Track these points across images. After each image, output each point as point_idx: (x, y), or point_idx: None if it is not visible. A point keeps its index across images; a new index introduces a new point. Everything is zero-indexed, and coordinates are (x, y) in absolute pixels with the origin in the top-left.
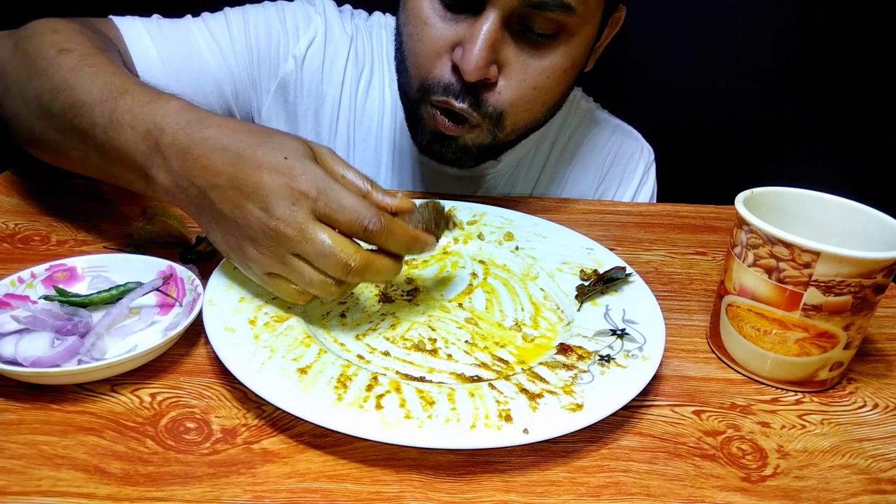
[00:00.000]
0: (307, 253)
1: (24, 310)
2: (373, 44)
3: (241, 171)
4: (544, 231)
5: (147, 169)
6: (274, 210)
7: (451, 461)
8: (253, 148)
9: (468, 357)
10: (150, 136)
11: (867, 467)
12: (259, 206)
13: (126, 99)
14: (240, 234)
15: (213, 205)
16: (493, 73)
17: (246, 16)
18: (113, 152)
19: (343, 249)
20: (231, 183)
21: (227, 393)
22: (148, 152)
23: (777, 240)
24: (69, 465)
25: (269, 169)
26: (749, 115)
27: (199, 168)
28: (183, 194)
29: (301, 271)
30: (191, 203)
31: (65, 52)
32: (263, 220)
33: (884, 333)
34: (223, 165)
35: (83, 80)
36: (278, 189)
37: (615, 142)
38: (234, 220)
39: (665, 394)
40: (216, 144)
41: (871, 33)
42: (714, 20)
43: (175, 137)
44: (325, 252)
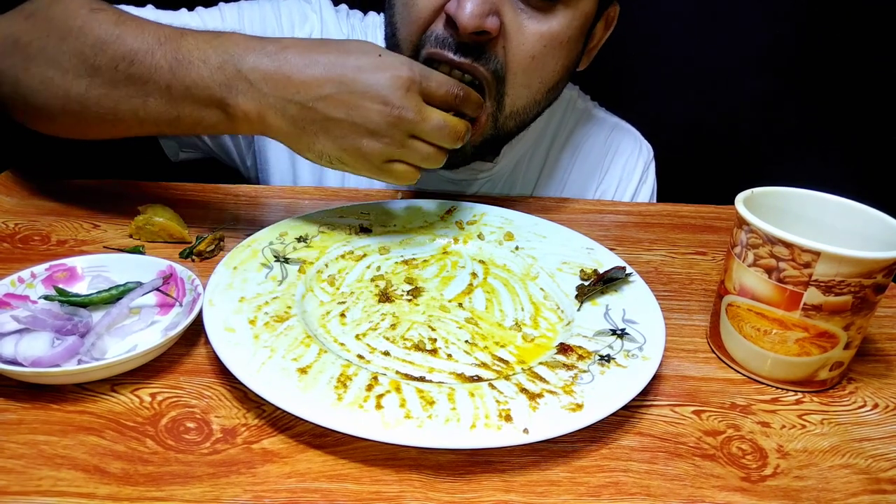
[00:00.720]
0: (425, 131)
1: (24, 309)
2: None
3: (346, 77)
4: (544, 231)
5: (228, 99)
6: (393, 100)
7: (451, 461)
8: (344, 54)
9: (468, 357)
10: (226, 66)
11: (867, 467)
12: (378, 101)
13: (188, 39)
14: (358, 132)
15: (321, 115)
16: (493, 24)
17: (241, 11)
18: (181, 90)
19: (452, 121)
20: (340, 89)
21: (227, 393)
22: (227, 82)
23: (777, 240)
24: (69, 465)
25: (370, 69)
26: (749, 115)
27: (297, 84)
28: (276, 115)
29: (419, 149)
30: (286, 122)
31: (97, 10)
32: (386, 112)
33: (884, 333)
34: (324, 76)
35: (130, 30)
36: (389, 82)
37: (614, 140)
38: (350, 121)
39: (665, 394)
40: (305, 60)
41: (871, 33)
42: (714, 19)
43: (257, 62)
44: (441, 125)
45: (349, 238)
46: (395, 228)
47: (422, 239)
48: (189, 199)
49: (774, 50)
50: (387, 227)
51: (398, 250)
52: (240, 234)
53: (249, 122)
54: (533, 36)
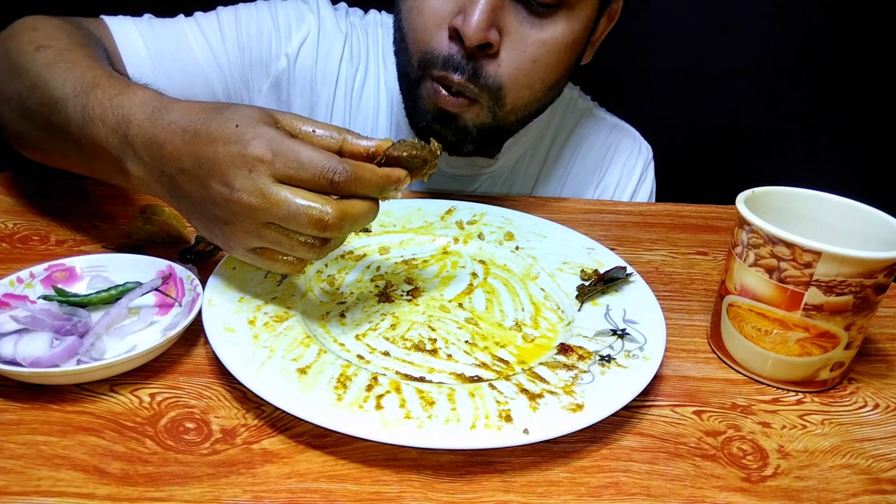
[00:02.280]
0: (277, 218)
1: (22, 310)
2: (368, 42)
3: (198, 149)
4: (545, 231)
5: (122, 162)
6: (233, 182)
7: (451, 461)
8: (207, 123)
9: (468, 357)
10: (119, 128)
11: (868, 467)
12: (220, 181)
13: (96, 93)
14: (211, 216)
15: (183, 190)
16: (494, 37)
17: (238, 15)
18: (89, 147)
19: (312, 205)
20: (194, 163)
21: (227, 393)
22: (119, 145)
23: (778, 239)
24: (68, 466)
25: (222, 141)
26: (750, 115)
27: (166, 155)
28: (158, 184)
29: (279, 240)
30: (166, 192)
31: (42, 48)
32: (226, 195)
33: (885, 333)
34: (183, 147)
35: (57, 75)
36: (233, 160)
37: (613, 140)
38: (202, 201)
39: (665, 394)
40: (177, 128)
41: (871, 33)
42: (714, 19)
43: (141, 128)
44: (294, 212)
45: (349, 238)
46: (395, 228)
47: (422, 239)
48: None
49: (775, 50)
50: (386, 227)
51: (398, 250)
52: None
53: (143, 184)
54: (535, 43)
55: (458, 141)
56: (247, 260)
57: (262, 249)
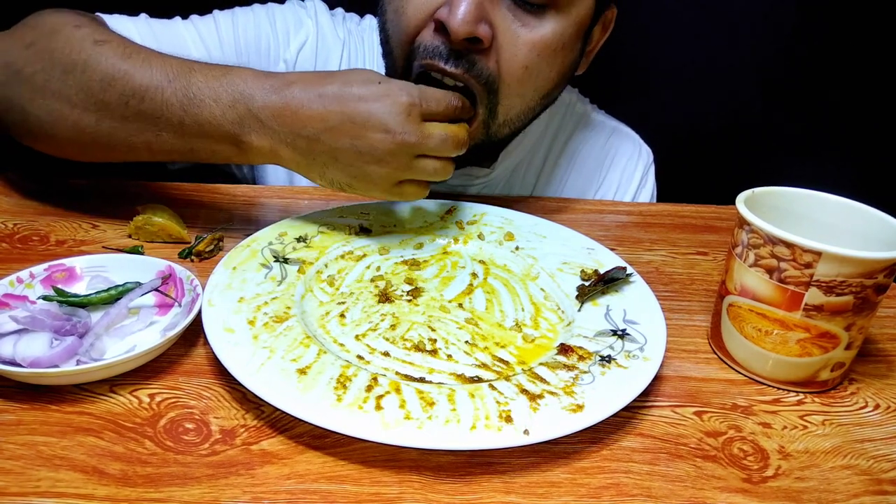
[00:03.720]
0: (430, 148)
1: (22, 310)
2: (365, 48)
3: (346, 107)
4: (545, 231)
5: (241, 136)
6: (395, 127)
7: (452, 462)
8: (346, 85)
9: (468, 357)
10: (237, 105)
11: (869, 468)
12: (380, 129)
13: (197, 75)
14: (364, 160)
15: (328, 147)
16: (484, 31)
17: (235, 19)
18: (195, 127)
19: (452, 130)
20: (344, 119)
21: (227, 393)
22: (239, 120)
23: (778, 240)
24: (68, 466)
25: (372, 98)
26: (750, 115)
27: (304, 119)
28: (288, 149)
29: (426, 167)
30: (298, 154)
31: (101, 42)
32: (388, 139)
33: (885, 334)
34: (328, 109)
35: (138, 65)
36: (389, 109)
37: (612, 144)
38: (356, 150)
39: (666, 394)
40: (310, 94)
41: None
42: (714, 20)
43: (266, 99)
44: (444, 139)
45: (349, 238)
46: (395, 228)
47: (422, 239)
48: (188, 199)
49: (775, 50)
50: (387, 227)
51: (398, 250)
52: (239, 235)
53: (263, 154)
54: (525, 45)
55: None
56: (383, 195)
57: (402, 183)
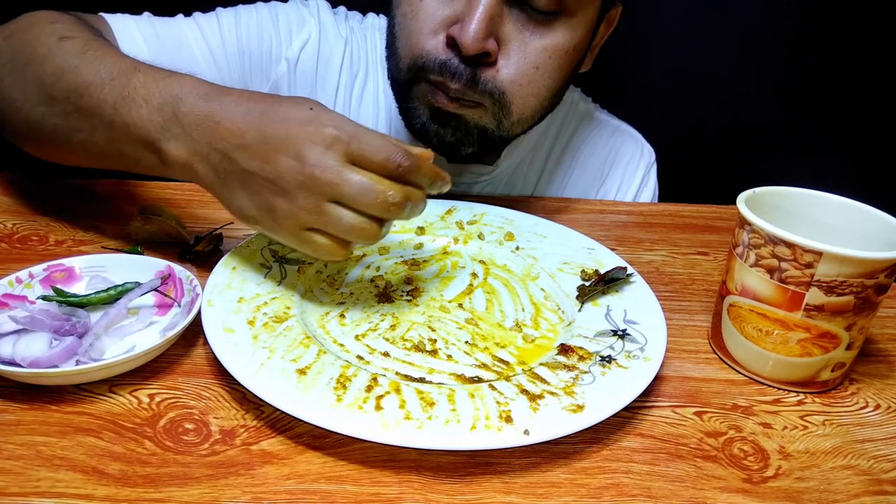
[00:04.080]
0: (345, 195)
1: (21, 310)
2: (367, 47)
3: (266, 126)
4: (545, 231)
5: (160, 142)
6: (307, 157)
7: (451, 462)
8: (276, 105)
9: (468, 358)
10: (166, 107)
11: (869, 468)
12: (291, 155)
13: (138, 76)
14: (271, 191)
15: (238, 166)
16: (492, 46)
17: (238, 17)
18: (122, 129)
19: (382, 185)
20: (258, 139)
21: (226, 394)
22: (163, 123)
23: (779, 240)
24: (67, 466)
25: (296, 120)
26: (751, 115)
27: (222, 131)
28: (202, 163)
29: (339, 217)
30: (211, 171)
31: (66, 38)
32: (297, 169)
33: (886, 334)
34: (247, 124)
35: (88, 61)
36: (309, 136)
37: (615, 143)
38: (263, 176)
39: (666, 395)
40: (237, 107)
41: (871, 33)
42: (715, 20)
43: (195, 105)
44: (365, 190)
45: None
46: (395, 229)
47: (422, 239)
48: (187, 198)
49: (776, 50)
50: None
51: (398, 250)
52: (238, 235)
53: (181, 167)
54: (535, 49)
55: (457, 142)
56: (291, 241)
57: (313, 230)
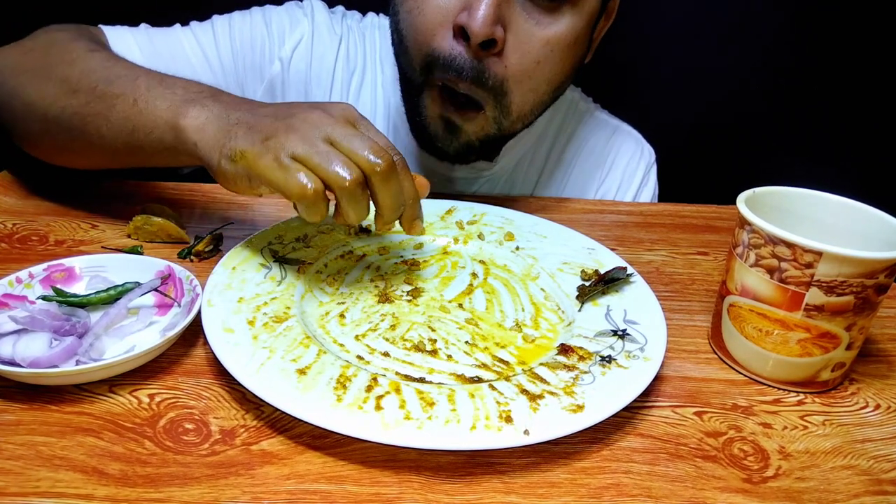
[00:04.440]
0: (340, 133)
1: (21, 310)
2: (365, 45)
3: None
4: (545, 231)
5: (184, 112)
6: (323, 106)
7: (452, 462)
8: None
9: (468, 358)
10: (204, 90)
11: (869, 468)
12: (308, 106)
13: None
14: (274, 126)
15: (253, 117)
16: (500, 33)
17: (231, 22)
18: (146, 104)
19: (374, 146)
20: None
21: (226, 394)
22: (194, 98)
23: (779, 240)
24: (67, 466)
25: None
26: (751, 115)
27: (254, 103)
28: (216, 122)
29: (327, 151)
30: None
31: (94, 51)
32: (308, 110)
33: (886, 334)
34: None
35: (122, 64)
36: (328, 103)
37: (615, 143)
38: (274, 117)
39: (666, 395)
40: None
41: (871, 32)
42: (715, 20)
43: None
44: (359, 138)
45: (348, 238)
46: (395, 229)
47: (422, 239)
48: (187, 198)
49: (775, 50)
50: None
51: (398, 250)
52: (238, 235)
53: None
54: (539, 41)
55: (459, 153)
56: (272, 169)
57: (297, 160)
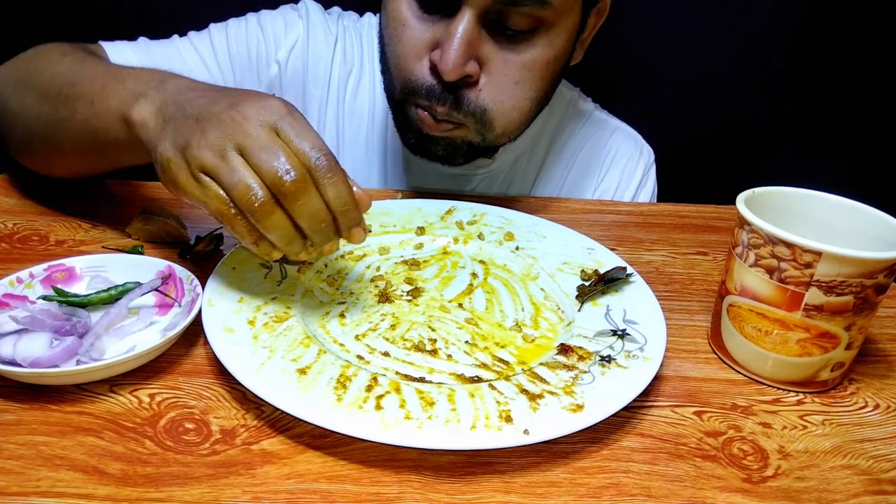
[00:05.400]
0: (249, 145)
1: (22, 310)
2: (363, 44)
3: (232, 90)
4: (545, 231)
5: (133, 107)
6: (242, 106)
7: (451, 462)
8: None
9: (468, 357)
10: (151, 81)
11: (868, 468)
12: (229, 103)
13: (132, 69)
14: (192, 128)
15: (184, 111)
16: (473, 69)
17: (228, 30)
18: (102, 103)
19: (288, 158)
20: (216, 93)
21: (227, 393)
22: (142, 91)
23: (778, 240)
24: (68, 466)
25: (259, 92)
26: (750, 115)
27: (192, 91)
28: (156, 117)
29: (235, 167)
30: (160, 122)
31: (68, 54)
32: (226, 110)
33: (885, 334)
34: (219, 89)
35: (87, 65)
36: (257, 97)
37: (614, 143)
38: (196, 115)
39: (666, 394)
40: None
41: (871, 32)
42: (715, 20)
43: (179, 80)
44: (269, 150)
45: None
46: (395, 228)
47: (422, 239)
48: None
49: (775, 50)
50: (386, 227)
51: (398, 250)
52: None
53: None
54: (515, 66)
55: (447, 155)
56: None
57: (210, 175)
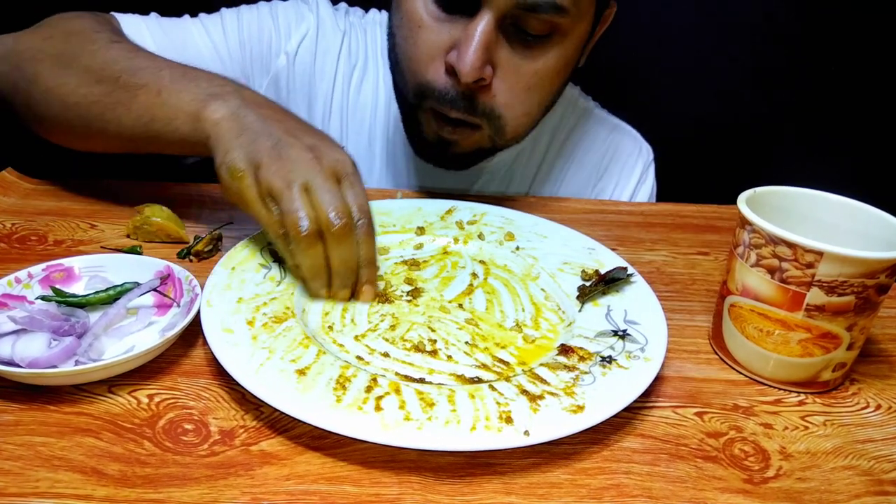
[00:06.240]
0: (316, 183)
1: (20, 310)
2: (367, 40)
3: (304, 126)
4: (545, 231)
5: (206, 105)
6: (322, 149)
7: (451, 463)
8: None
9: (468, 358)
10: (227, 84)
11: (870, 468)
12: (311, 143)
13: (193, 72)
14: (269, 151)
15: (264, 126)
16: (488, 72)
17: (240, 15)
18: (170, 96)
19: (343, 207)
20: (299, 123)
21: (226, 394)
22: (218, 93)
23: (780, 239)
24: (66, 467)
25: (330, 141)
26: (752, 114)
27: (275, 108)
28: (232, 120)
29: (294, 198)
30: (235, 126)
31: (116, 41)
32: (305, 149)
33: (887, 334)
34: (288, 118)
35: (142, 56)
36: (332, 146)
37: (613, 141)
38: (276, 139)
39: (667, 395)
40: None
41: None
42: (715, 19)
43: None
44: (331, 194)
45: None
46: (395, 228)
47: (422, 239)
48: (187, 198)
49: (775, 50)
50: (386, 227)
51: (398, 250)
52: (238, 235)
53: (210, 125)
54: (528, 73)
55: (455, 161)
56: (254, 205)
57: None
